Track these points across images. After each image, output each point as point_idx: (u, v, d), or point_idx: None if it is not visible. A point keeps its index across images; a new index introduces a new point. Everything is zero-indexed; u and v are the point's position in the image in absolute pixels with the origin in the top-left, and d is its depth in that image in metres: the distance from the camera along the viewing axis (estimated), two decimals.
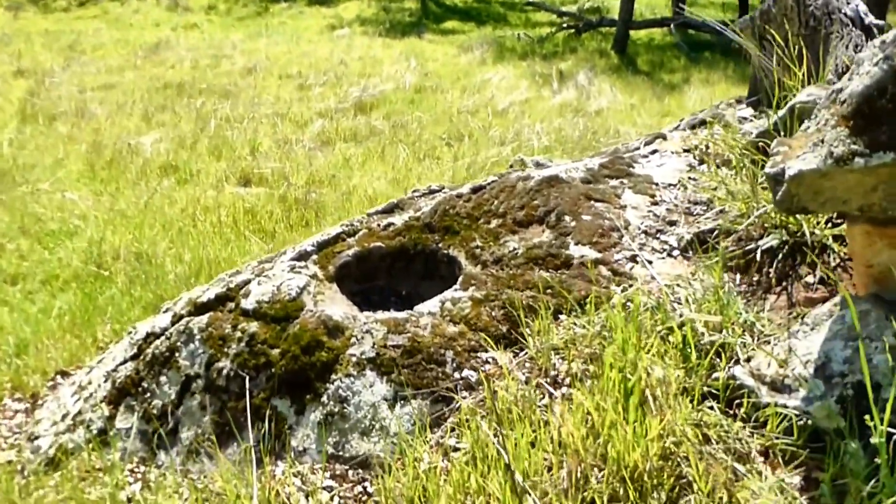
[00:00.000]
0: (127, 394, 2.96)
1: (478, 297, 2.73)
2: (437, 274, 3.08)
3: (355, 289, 3.10)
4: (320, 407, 2.55)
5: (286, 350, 2.67)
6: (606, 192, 3.13)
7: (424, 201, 3.31)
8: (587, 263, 2.77)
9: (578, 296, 2.64)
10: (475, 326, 2.63)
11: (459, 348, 2.57)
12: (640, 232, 2.93)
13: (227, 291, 2.97)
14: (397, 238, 3.12)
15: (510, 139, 9.64)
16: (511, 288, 2.74)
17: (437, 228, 3.12)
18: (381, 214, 3.29)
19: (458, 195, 3.23)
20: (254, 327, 2.77)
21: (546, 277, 2.74)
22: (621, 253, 2.82)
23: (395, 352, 2.58)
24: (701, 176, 3.21)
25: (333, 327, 2.68)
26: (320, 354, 2.63)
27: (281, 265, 3.02)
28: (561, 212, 3.00)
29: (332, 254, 3.08)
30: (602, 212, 3.01)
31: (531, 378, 2.41)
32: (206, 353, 2.81)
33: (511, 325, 2.62)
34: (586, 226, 2.93)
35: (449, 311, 2.70)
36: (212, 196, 7.31)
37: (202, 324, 2.89)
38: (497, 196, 3.17)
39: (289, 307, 2.79)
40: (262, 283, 2.93)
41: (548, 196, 3.09)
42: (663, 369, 2.12)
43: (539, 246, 2.89)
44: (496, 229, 3.02)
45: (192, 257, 5.71)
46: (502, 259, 2.89)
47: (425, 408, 2.46)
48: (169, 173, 8.01)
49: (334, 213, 7.07)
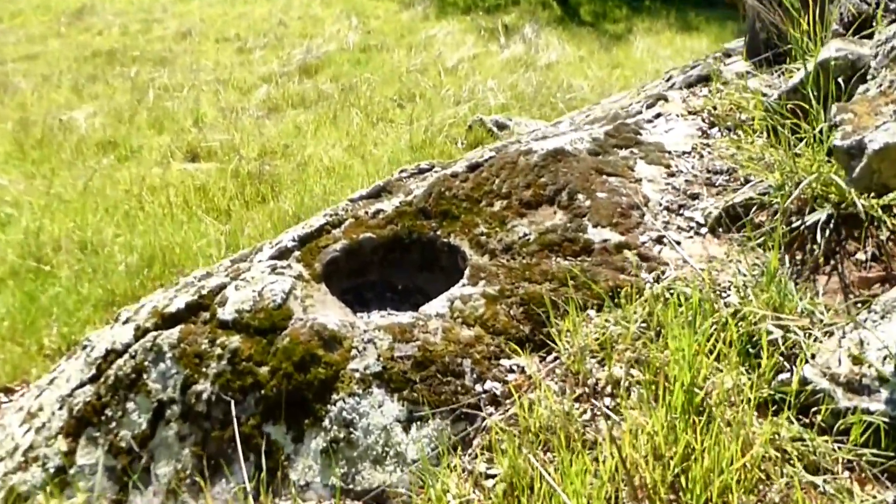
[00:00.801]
0: (88, 423, 2.54)
1: (491, 293, 2.38)
2: (437, 265, 2.71)
3: (346, 286, 2.71)
4: (322, 433, 2.18)
5: (276, 367, 2.28)
6: (618, 165, 2.79)
7: (415, 183, 2.91)
8: (610, 248, 2.44)
9: (606, 287, 2.31)
10: (493, 329, 2.28)
11: (478, 356, 2.22)
12: (662, 208, 2.61)
13: (200, 299, 2.55)
14: (389, 227, 2.73)
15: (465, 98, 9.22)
16: (528, 280, 2.39)
17: (433, 213, 2.74)
18: (367, 200, 2.89)
19: (453, 174, 2.85)
20: (235, 342, 2.37)
21: (566, 267, 2.40)
22: (646, 234, 2.49)
23: (404, 364, 2.22)
24: (718, 142, 2.89)
25: (329, 338, 2.30)
26: (317, 371, 2.25)
27: (259, 266, 2.61)
28: (573, 190, 2.65)
29: (316, 249, 2.67)
30: (617, 187, 2.67)
31: (567, 388, 2.08)
32: (180, 373, 2.40)
33: (534, 324, 2.28)
34: (603, 204, 2.59)
35: (460, 312, 2.34)
36: (158, 174, 6.75)
37: (173, 339, 2.47)
38: (497, 174, 2.80)
39: (275, 316, 2.40)
40: (241, 287, 2.52)
41: (555, 172, 2.73)
42: (731, 376, 1.81)
43: (553, 230, 2.54)
44: (501, 212, 2.66)
45: (143, 244, 5.21)
46: (512, 247, 2.54)
47: (446, 428, 2.11)
48: (107, 150, 7.38)
49: (291, 186, 6.60)
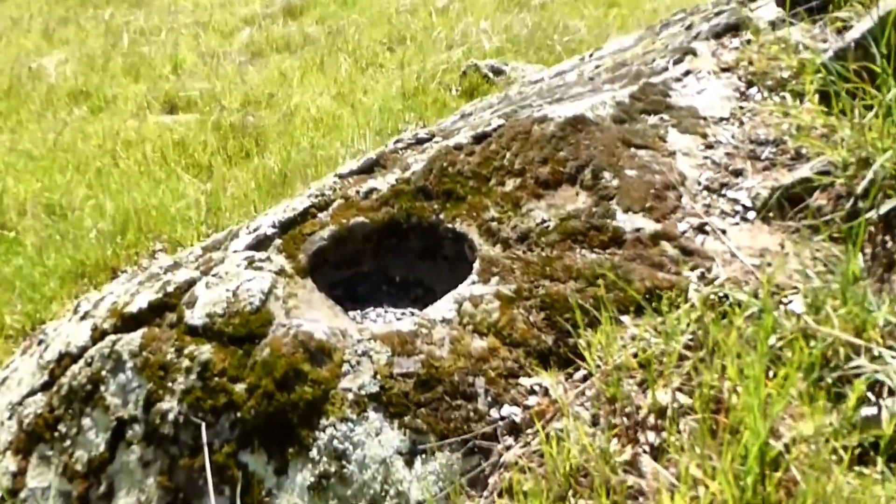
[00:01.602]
0: (39, 439, 2.18)
1: (506, 293, 2.00)
2: (440, 253, 2.33)
3: (335, 278, 2.34)
4: (309, 465, 1.83)
5: (254, 385, 1.92)
6: (647, 135, 2.39)
7: (412, 156, 2.51)
8: (644, 239, 2.06)
9: (642, 287, 1.94)
10: (510, 339, 1.92)
11: (493, 373, 1.86)
12: (701, 188, 2.22)
13: (165, 297, 2.17)
14: (384, 209, 2.34)
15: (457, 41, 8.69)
16: (549, 278, 2.02)
17: (434, 193, 2.34)
18: (358, 176, 2.48)
19: (457, 147, 2.44)
20: (206, 352, 2.00)
21: (594, 261, 2.02)
22: (685, 221, 2.11)
23: (405, 383, 1.86)
24: (760, 106, 2.49)
25: (316, 349, 1.93)
26: (302, 390, 1.89)
27: (234, 258, 2.22)
28: (598, 166, 2.25)
29: (300, 237, 2.28)
30: (648, 163, 2.27)
31: (601, 417, 1.73)
32: (142, 387, 2.04)
33: (558, 334, 1.92)
34: (633, 184, 2.20)
35: (471, 318, 1.97)
36: (133, 127, 6.27)
37: (134, 345, 2.10)
38: (508, 146, 2.39)
39: (252, 322, 2.02)
40: (212, 285, 2.13)
41: (576, 144, 2.33)
42: (813, 420, 1.46)
43: (576, 215, 2.16)
44: (515, 193, 2.26)
45: (116, 207, 4.79)
46: (529, 235, 2.15)
47: (457, 463, 1.77)
48: (79, 101, 6.86)
49: (277, 139, 6.15)
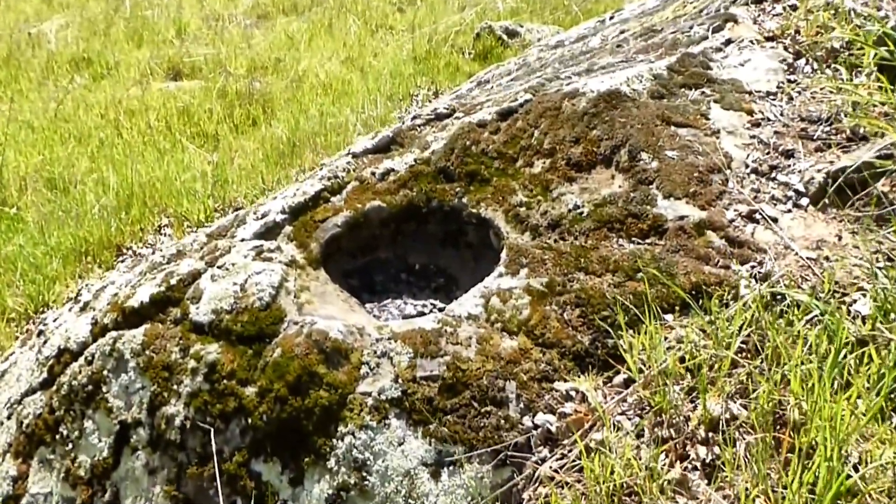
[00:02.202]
0: (41, 442, 2.07)
1: (537, 287, 1.85)
2: (463, 240, 2.18)
3: (350, 266, 2.19)
4: (327, 475, 1.70)
5: (266, 389, 1.79)
6: (688, 111, 2.21)
7: (432, 133, 2.34)
8: (688, 228, 1.90)
9: (687, 282, 1.79)
10: (543, 339, 1.77)
11: (525, 377, 1.72)
12: (749, 171, 2.05)
13: (168, 291, 2.03)
14: (402, 192, 2.18)
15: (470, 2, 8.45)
16: (584, 271, 1.87)
17: (456, 175, 2.18)
18: (374, 155, 2.32)
19: (480, 124, 2.27)
20: (213, 352, 1.87)
21: (633, 253, 1.87)
22: (732, 208, 1.94)
23: (429, 387, 1.72)
24: (810, 80, 2.30)
25: (332, 350, 1.79)
26: (317, 395, 1.75)
27: (242, 248, 2.08)
28: (635, 146, 2.09)
29: (311, 223, 2.13)
30: (690, 142, 2.10)
31: (645, 428, 1.59)
32: (146, 389, 1.91)
33: (595, 333, 1.77)
34: (674, 166, 2.03)
35: (499, 315, 1.83)
36: (136, 95, 6.09)
37: (136, 343, 1.97)
38: (536, 123, 2.22)
39: (262, 319, 1.88)
40: (218, 278, 1.99)
41: (611, 122, 2.16)
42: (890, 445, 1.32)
43: (612, 201, 2.00)
44: (544, 175, 2.10)
45: (120, 181, 4.64)
46: (560, 223, 2.00)
47: (487, 476, 1.63)
48: (81, 68, 6.68)
49: (285, 106, 5.97)
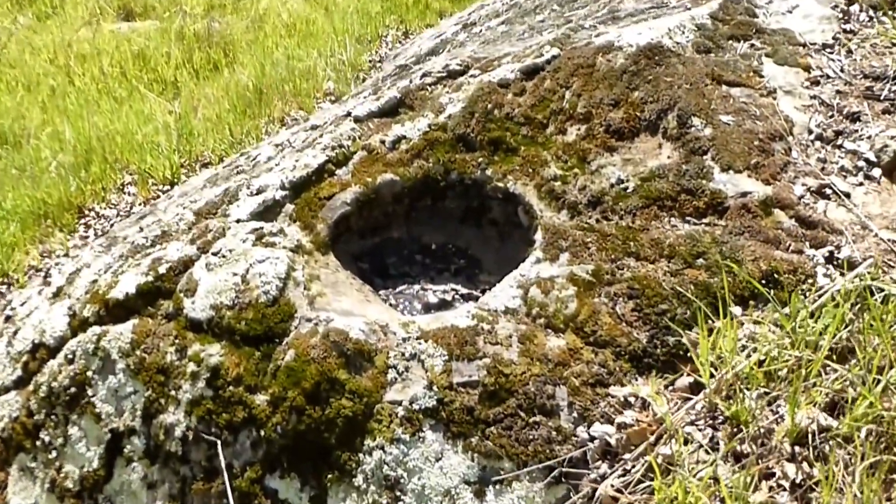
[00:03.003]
0: (19, 448, 1.85)
1: (583, 276, 1.66)
2: (487, 217, 1.97)
3: (359, 248, 1.97)
4: (354, 493, 1.52)
5: (279, 397, 1.58)
6: (739, 68, 2.00)
7: (446, 94, 2.10)
8: (753, 206, 1.71)
9: (755, 270, 1.61)
10: (594, 337, 1.58)
11: (576, 381, 1.54)
12: (812, 137, 1.86)
13: (157, 281, 1.80)
14: (416, 162, 1.96)
15: None
16: (634, 256, 1.68)
17: (478, 143, 1.96)
18: (380, 119, 2.08)
19: (502, 83, 2.04)
20: (215, 354, 1.65)
21: (690, 235, 1.68)
22: (799, 181, 1.76)
23: (468, 395, 1.53)
24: (869, 31, 2.10)
25: (354, 352, 1.59)
26: (340, 404, 1.55)
27: (238, 229, 1.84)
28: (684, 110, 1.88)
29: (316, 201, 1.90)
30: (745, 105, 1.90)
31: (720, 440, 1.43)
32: (138, 394, 1.70)
33: (653, 329, 1.59)
34: (730, 133, 1.83)
35: (541, 308, 1.63)
36: (87, 38, 5.68)
37: (124, 341, 1.74)
38: (567, 83, 2.00)
39: (269, 317, 1.66)
40: (215, 267, 1.76)
41: (655, 81, 1.95)
42: None
43: (661, 174, 1.80)
44: (580, 144, 1.89)
45: (77, 135, 4.31)
46: (602, 199, 1.79)
47: (538, 495, 1.46)
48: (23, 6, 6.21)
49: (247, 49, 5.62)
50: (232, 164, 2.72)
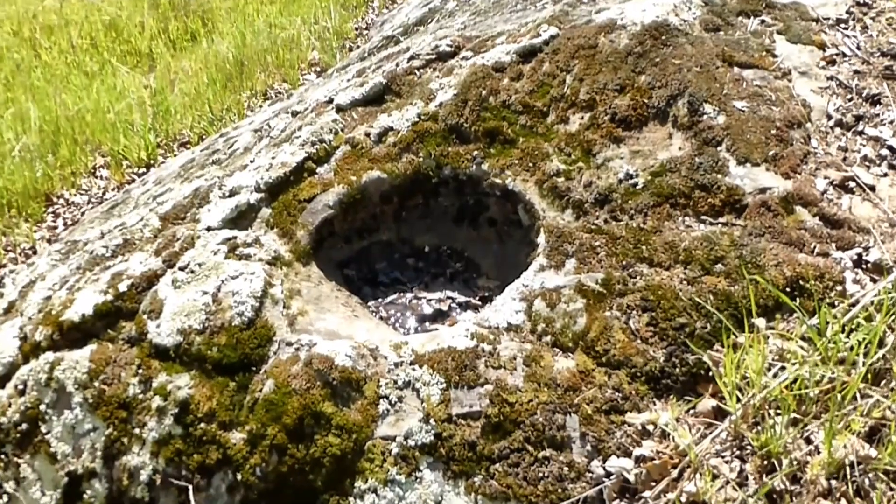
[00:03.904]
0: None
1: (592, 286, 1.46)
2: (484, 216, 1.76)
3: (345, 254, 1.76)
4: None
5: (257, 434, 1.38)
6: (751, 47, 1.78)
7: (436, 79, 1.87)
8: (773, 203, 1.51)
9: (779, 276, 1.41)
10: (607, 357, 1.39)
11: (589, 409, 1.35)
12: (832, 123, 1.66)
13: (118, 301, 1.58)
14: (405, 157, 1.73)
15: None
16: (647, 262, 1.48)
17: (472, 134, 1.74)
18: (364, 108, 1.85)
19: (497, 67, 1.81)
20: (184, 386, 1.44)
21: (706, 237, 1.48)
22: (821, 175, 1.56)
23: (469, 427, 1.34)
24: (885, 3, 1.89)
25: (340, 381, 1.39)
26: (326, 442, 1.36)
27: (209, 239, 1.62)
28: (695, 96, 1.66)
29: (295, 204, 1.68)
30: (760, 88, 1.69)
31: (751, 476, 1.25)
32: (98, 431, 1.49)
33: (670, 346, 1.40)
34: (745, 121, 1.62)
35: (547, 324, 1.44)
36: (53, 8, 5.33)
37: (81, 371, 1.53)
38: (568, 66, 1.77)
39: (245, 342, 1.46)
40: (182, 285, 1.54)
41: (663, 64, 1.73)
42: None
43: (673, 168, 1.59)
44: (584, 135, 1.67)
45: (43, 115, 4.02)
46: (610, 197, 1.59)
47: None
48: None
49: (227, 17, 5.31)
50: (210, 148, 2.49)
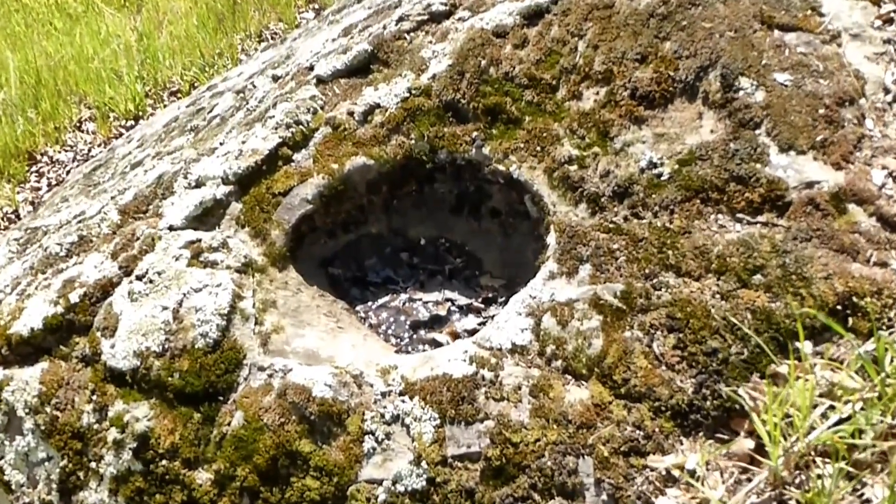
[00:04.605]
0: None
1: (609, 300, 1.24)
2: (486, 205, 1.53)
3: (329, 250, 1.53)
4: None
5: (226, 476, 1.20)
6: (793, 4, 1.50)
7: (427, 44, 1.60)
8: (822, 200, 1.27)
9: (829, 292, 1.19)
10: (626, 387, 1.18)
11: (605, 449, 1.15)
12: (890, 99, 1.40)
13: (69, 313, 1.37)
14: (394, 139, 1.49)
15: None
16: (673, 270, 1.25)
17: (471, 112, 1.49)
18: (348, 80, 1.59)
19: (498, 31, 1.54)
20: (142, 418, 1.25)
21: (743, 241, 1.25)
22: (878, 164, 1.31)
23: (466, 471, 1.15)
24: None
25: (319, 415, 1.19)
26: (303, 485, 1.17)
27: (170, 242, 1.39)
28: (729, 67, 1.40)
29: (269, 198, 1.45)
30: (805, 56, 1.42)
31: None
32: (53, 462, 1.31)
33: (701, 374, 1.18)
34: (788, 98, 1.36)
35: (557, 345, 1.22)
36: None
37: (31, 394, 1.34)
38: (580, 30, 1.50)
39: (210, 368, 1.25)
40: (139, 298, 1.33)
41: (691, 28, 1.45)
42: None
43: (704, 155, 1.34)
44: (600, 114, 1.42)
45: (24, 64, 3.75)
46: (631, 189, 1.35)
47: None
48: None
49: None
50: (195, 105, 2.26)
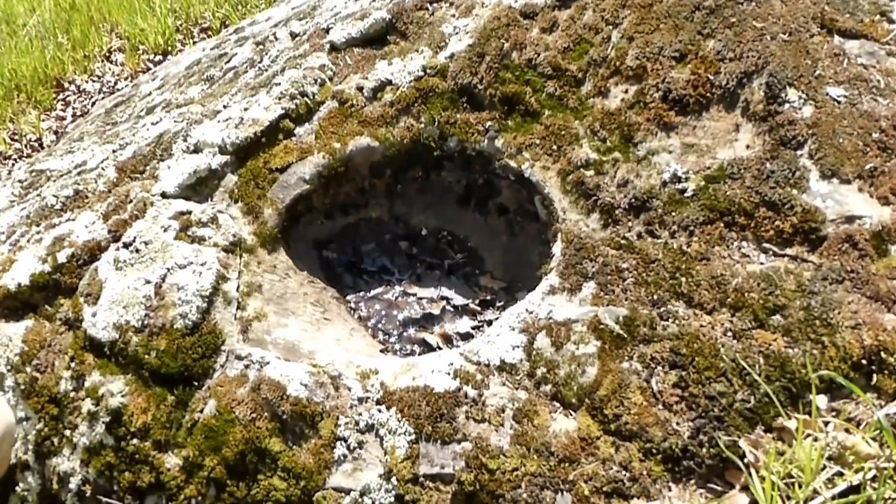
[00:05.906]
0: None
1: (609, 325, 1.13)
2: (494, 201, 1.41)
3: (325, 232, 1.44)
4: None
5: (194, 463, 1.14)
6: (860, 6, 1.33)
7: (450, 18, 1.46)
8: (861, 239, 1.13)
9: (855, 343, 1.06)
10: (616, 423, 1.08)
11: (586, 488, 1.06)
12: None
13: (56, 273, 1.31)
14: (403, 121, 1.37)
15: None
16: (685, 299, 1.14)
17: (487, 99, 1.36)
18: (361, 50, 1.47)
19: (527, 12, 1.40)
20: (117, 393, 1.19)
21: (767, 275, 1.12)
22: None
23: (438, 492, 1.07)
24: None
25: (292, 414, 1.12)
26: (269, 484, 1.11)
27: (160, 211, 1.31)
28: (776, 75, 1.25)
29: (265, 173, 1.35)
30: (865, 69, 1.26)
31: None
32: (31, 423, 1.27)
33: (700, 419, 1.08)
34: (839, 117, 1.21)
35: (549, 368, 1.13)
36: None
37: (14, 351, 1.29)
38: (615, 18, 1.36)
39: (187, 351, 1.18)
40: (124, 267, 1.26)
41: (739, 26, 1.30)
42: None
43: (735, 174, 1.21)
44: (626, 115, 1.29)
45: None
46: (649, 203, 1.22)
47: None
48: None
49: None
50: (219, 48, 2.16)
